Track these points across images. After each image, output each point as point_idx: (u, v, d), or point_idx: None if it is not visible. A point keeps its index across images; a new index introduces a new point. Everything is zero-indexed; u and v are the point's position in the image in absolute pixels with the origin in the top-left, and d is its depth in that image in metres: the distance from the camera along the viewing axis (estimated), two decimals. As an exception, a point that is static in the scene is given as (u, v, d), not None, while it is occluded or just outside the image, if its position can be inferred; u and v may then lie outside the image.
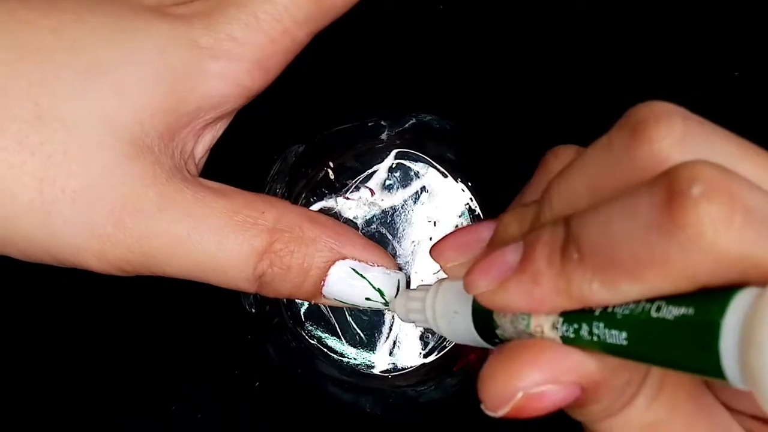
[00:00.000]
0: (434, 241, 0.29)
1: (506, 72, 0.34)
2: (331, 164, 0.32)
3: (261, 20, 0.22)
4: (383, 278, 0.25)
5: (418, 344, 0.32)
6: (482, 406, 0.17)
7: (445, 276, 0.22)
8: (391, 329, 0.32)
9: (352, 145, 0.32)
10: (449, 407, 0.32)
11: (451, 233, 0.22)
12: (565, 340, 0.17)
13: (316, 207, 0.32)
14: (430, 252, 0.22)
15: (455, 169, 0.32)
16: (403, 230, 0.32)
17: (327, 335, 0.32)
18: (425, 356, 0.32)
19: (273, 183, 0.32)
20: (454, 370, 0.32)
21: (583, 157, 0.17)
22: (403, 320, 0.25)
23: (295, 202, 0.32)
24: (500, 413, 0.17)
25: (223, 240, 0.22)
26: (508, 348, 0.17)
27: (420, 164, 0.32)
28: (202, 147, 0.23)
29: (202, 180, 0.23)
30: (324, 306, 0.32)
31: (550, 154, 0.21)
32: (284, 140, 0.32)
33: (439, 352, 0.32)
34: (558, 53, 0.34)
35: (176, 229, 0.22)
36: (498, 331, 0.19)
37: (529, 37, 0.34)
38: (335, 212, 0.32)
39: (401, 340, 0.32)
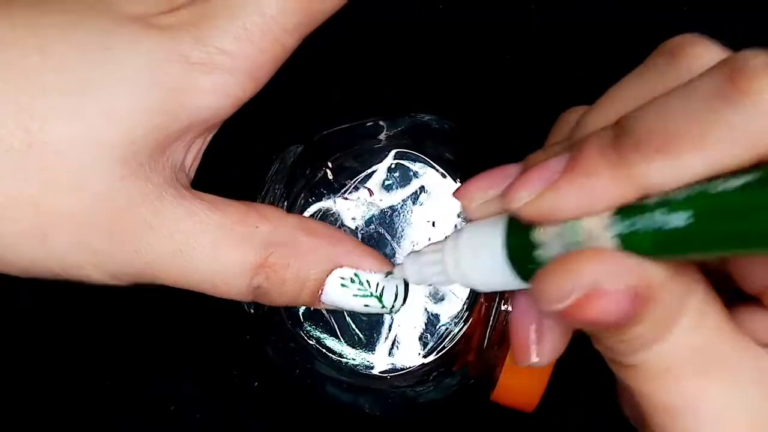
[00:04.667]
0: (433, 240, 0.29)
1: (505, 72, 0.34)
2: (329, 164, 0.32)
3: (250, 32, 0.21)
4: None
5: (418, 344, 0.32)
6: (537, 301, 0.17)
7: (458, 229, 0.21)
8: (390, 329, 0.32)
9: (351, 145, 0.32)
10: (449, 407, 0.32)
11: (475, 176, 0.21)
12: (621, 238, 0.16)
13: (314, 207, 0.32)
14: (454, 194, 0.21)
15: (454, 169, 0.32)
16: (402, 230, 0.32)
17: (326, 335, 0.32)
18: (424, 356, 0.32)
19: (272, 183, 0.32)
20: (454, 370, 0.32)
21: (618, 86, 0.18)
22: (414, 282, 0.24)
23: (293, 202, 0.32)
24: (560, 306, 0.16)
25: (216, 256, 0.22)
26: (564, 255, 0.17)
27: (419, 164, 0.32)
28: (191, 156, 0.23)
29: (194, 192, 0.23)
30: (323, 306, 0.32)
31: (564, 113, 0.21)
32: (283, 140, 0.32)
33: (438, 353, 0.32)
34: (557, 53, 0.34)
35: (168, 245, 0.22)
36: (539, 252, 0.18)
37: (528, 37, 0.34)
38: (334, 213, 0.32)
39: (400, 340, 0.32)
